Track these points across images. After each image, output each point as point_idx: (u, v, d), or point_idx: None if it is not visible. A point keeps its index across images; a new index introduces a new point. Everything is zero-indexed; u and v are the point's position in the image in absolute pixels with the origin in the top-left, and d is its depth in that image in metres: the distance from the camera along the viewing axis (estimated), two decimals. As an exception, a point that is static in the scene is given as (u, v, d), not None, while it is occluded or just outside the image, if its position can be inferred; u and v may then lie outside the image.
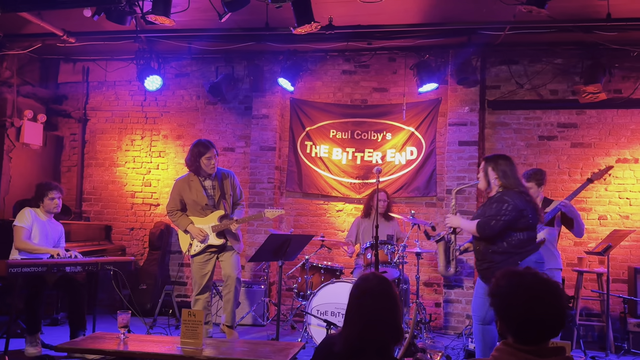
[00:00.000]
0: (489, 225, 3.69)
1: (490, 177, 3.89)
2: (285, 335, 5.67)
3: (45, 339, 4.83)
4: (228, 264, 4.87)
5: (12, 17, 5.43)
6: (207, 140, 4.89)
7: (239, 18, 5.41)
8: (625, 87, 6.18)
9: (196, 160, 4.78)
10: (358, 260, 5.83)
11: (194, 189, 4.85)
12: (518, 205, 3.67)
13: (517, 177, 3.86)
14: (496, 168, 3.85)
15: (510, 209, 3.66)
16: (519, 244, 3.70)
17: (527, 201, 3.73)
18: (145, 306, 6.48)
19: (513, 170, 3.85)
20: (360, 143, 6.73)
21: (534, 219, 3.75)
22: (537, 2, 4.35)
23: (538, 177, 4.78)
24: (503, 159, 3.92)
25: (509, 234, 3.70)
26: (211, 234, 4.81)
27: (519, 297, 1.81)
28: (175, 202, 4.91)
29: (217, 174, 4.92)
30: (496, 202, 3.74)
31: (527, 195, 3.78)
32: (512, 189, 3.77)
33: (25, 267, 4.21)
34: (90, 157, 7.43)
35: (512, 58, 6.43)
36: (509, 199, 3.70)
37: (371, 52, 6.63)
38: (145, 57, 6.42)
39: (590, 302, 5.97)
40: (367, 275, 2.37)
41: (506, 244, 3.71)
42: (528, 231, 3.73)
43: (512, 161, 3.95)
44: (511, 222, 3.67)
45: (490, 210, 3.74)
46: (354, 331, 2.19)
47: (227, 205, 4.89)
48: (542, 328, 1.78)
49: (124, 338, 3.43)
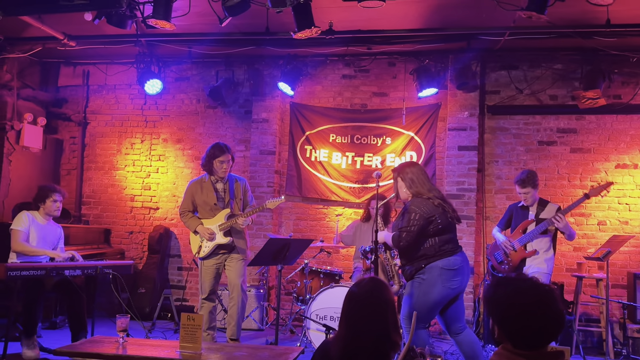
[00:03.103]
0: (402, 238, 3.74)
1: (399, 187, 3.93)
2: (284, 340, 5.66)
3: (43, 342, 4.82)
4: (234, 272, 4.84)
5: (13, 20, 5.44)
6: (225, 144, 4.88)
7: (240, 22, 5.43)
8: (624, 92, 6.19)
9: (210, 162, 4.83)
10: (357, 265, 5.82)
11: (205, 189, 4.89)
12: (425, 213, 3.70)
13: (424, 182, 3.85)
14: (404, 178, 3.88)
15: (417, 218, 3.69)
16: (429, 249, 3.73)
17: (435, 206, 3.74)
18: (144, 310, 6.47)
19: (420, 177, 3.86)
20: (360, 147, 6.73)
21: (444, 222, 3.75)
22: (537, 7, 4.35)
23: (532, 180, 4.78)
24: (409, 166, 3.95)
25: (421, 242, 3.75)
26: (218, 233, 4.81)
27: (516, 303, 1.82)
28: (188, 203, 4.95)
29: (229, 178, 4.95)
30: (406, 213, 3.78)
31: (436, 199, 3.77)
32: (420, 197, 3.79)
33: (24, 270, 4.21)
34: (90, 160, 7.43)
35: (511, 63, 6.45)
36: (416, 208, 3.72)
37: (371, 57, 6.64)
38: (146, 61, 6.43)
39: (589, 308, 5.96)
40: (362, 280, 2.36)
41: (417, 252, 3.76)
42: (439, 235, 3.74)
43: (420, 167, 3.97)
44: (420, 230, 3.70)
45: (402, 222, 3.79)
46: (348, 335, 2.19)
47: (235, 206, 4.91)
48: (540, 333, 1.79)
49: (123, 342, 3.41)
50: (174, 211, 7.13)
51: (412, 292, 3.77)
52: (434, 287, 3.68)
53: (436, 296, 3.69)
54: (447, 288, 3.70)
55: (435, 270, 3.69)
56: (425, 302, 3.69)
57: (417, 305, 3.70)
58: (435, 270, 3.69)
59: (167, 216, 7.18)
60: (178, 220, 7.11)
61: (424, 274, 3.72)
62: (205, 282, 4.84)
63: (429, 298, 3.69)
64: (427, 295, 3.69)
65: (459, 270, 3.74)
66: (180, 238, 7.13)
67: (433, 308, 3.74)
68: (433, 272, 3.69)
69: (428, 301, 3.69)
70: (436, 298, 3.69)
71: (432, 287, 3.69)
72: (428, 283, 3.70)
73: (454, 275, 3.71)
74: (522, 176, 4.82)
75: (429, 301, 3.70)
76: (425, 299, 3.69)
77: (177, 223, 7.13)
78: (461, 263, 3.76)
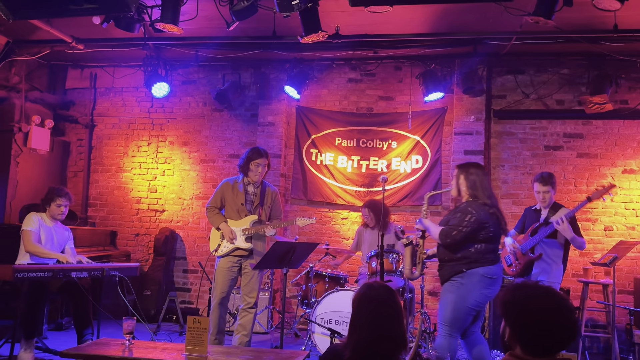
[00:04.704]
0: (450, 235, 3.73)
1: (461, 185, 3.91)
2: (289, 344, 5.67)
3: (49, 344, 4.84)
4: (249, 283, 4.79)
5: (22, 23, 5.48)
6: (263, 149, 4.88)
7: (247, 26, 5.45)
8: (631, 97, 6.17)
9: (247, 163, 4.82)
10: (362, 269, 5.82)
11: (236, 189, 4.87)
12: (481, 218, 3.69)
13: (485, 187, 3.85)
14: (467, 177, 3.87)
15: (472, 221, 3.68)
16: (472, 254, 3.72)
17: (490, 214, 3.74)
18: (150, 312, 6.49)
19: (483, 181, 3.85)
20: (366, 151, 6.74)
21: (496, 231, 3.76)
22: (544, 12, 4.35)
23: (552, 180, 4.73)
24: (475, 167, 3.93)
25: (467, 244, 3.73)
26: (240, 237, 4.77)
27: (532, 308, 1.82)
28: (217, 199, 4.92)
29: (262, 184, 4.94)
30: (460, 213, 3.77)
31: (492, 207, 3.78)
32: (478, 200, 3.78)
33: (31, 272, 4.22)
34: (97, 162, 7.47)
35: (518, 68, 6.44)
36: (473, 211, 3.72)
37: (377, 61, 6.65)
38: (153, 64, 6.47)
39: (595, 314, 5.93)
40: (373, 284, 2.37)
41: (460, 253, 3.74)
42: (487, 243, 3.74)
43: (484, 171, 3.95)
44: (471, 233, 3.70)
45: (454, 219, 3.77)
46: (363, 340, 2.19)
47: (263, 213, 4.88)
48: (552, 341, 1.78)
49: (129, 344, 3.42)
50: (180, 213, 7.16)
51: (450, 296, 3.76)
52: (471, 293, 3.69)
53: (472, 302, 3.70)
54: (484, 295, 3.71)
55: (475, 276, 3.68)
56: (463, 306, 3.70)
57: (456, 309, 3.70)
58: (476, 277, 3.68)
59: (173, 218, 7.20)
60: (184, 223, 7.13)
61: (462, 278, 3.71)
62: (218, 285, 4.77)
63: (466, 303, 3.70)
64: (465, 300, 3.70)
65: (497, 280, 3.75)
66: (185, 240, 7.15)
67: (468, 313, 3.74)
68: (473, 277, 3.68)
69: (465, 306, 3.70)
70: (472, 304, 3.70)
71: (470, 292, 3.69)
72: (466, 288, 3.70)
73: (492, 284, 3.72)
74: (544, 174, 4.76)
75: (466, 306, 3.70)
76: (463, 304, 3.70)
77: (182, 225, 7.15)
78: (499, 274, 3.78)
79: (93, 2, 3.91)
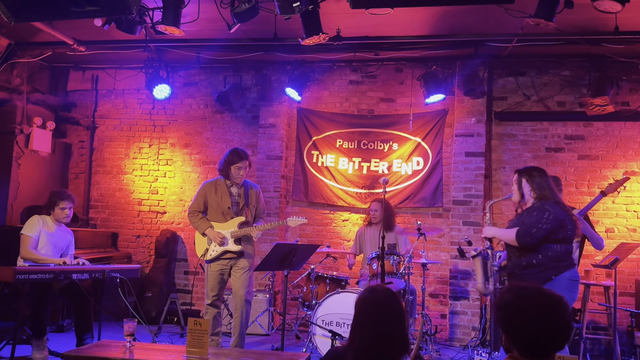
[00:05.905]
0: (530, 233, 3.55)
1: (524, 189, 3.79)
2: (290, 345, 5.66)
3: (50, 345, 4.84)
4: (239, 283, 4.78)
5: (24, 25, 5.50)
6: (243, 150, 4.85)
7: (248, 28, 5.45)
8: (632, 99, 6.17)
9: (227, 167, 4.81)
10: (363, 271, 5.82)
11: (220, 191, 4.85)
12: (559, 215, 3.56)
13: (552, 188, 3.75)
14: (531, 180, 3.76)
15: (551, 218, 3.54)
16: (555, 257, 3.56)
17: (566, 211, 3.63)
18: (151, 314, 6.49)
19: (547, 182, 3.76)
20: (367, 153, 6.74)
21: (573, 230, 3.62)
22: (545, 14, 4.35)
23: (558, 183, 4.72)
24: (537, 170, 3.83)
25: (545, 246, 3.57)
26: (229, 240, 4.78)
27: (524, 311, 1.81)
28: (199, 203, 4.89)
29: (244, 184, 4.93)
30: (536, 211, 3.62)
31: (565, 206, 3.69)
32: (549, 200, 3.67)
33: (32, 274, 4.23)
34: (98, 164, 7.48)
35: (519, 69, 6.44)
36: (550, 208, 3.58)
37: (378, 63, 6.66)
38: (154, 66, 6.48)
39: (597, 316, 5.92)
40: (375, 287, 2.37)
41: (542, 256, 3.57)
42: (565, 244, 3.60)
43: (546, 172, 3.84)
44: (551, 231, 3.54)
45: (531, 218, 3.61)
46: (365, 342, 2.19)
47: (249, 214, 4.88)
48: (547, 342, 1.78)
49: (130, 346, 3.43)
50: (181, 215, 7.16)
51: None
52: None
53: None
54: (572, 300, 3.58)
55: (563, 281, 3.52)
56: None
57: None
58: (564, 282, 3.52)
59: (174, 220, 7.20)
60: (185, 225, 7.13)
61: (551, 285, 3.48)
62: (210, 287, 4.81)
63: None
64: None
65: (578, 283, 3.64)
66: (187, 242, 7.15)
67: None
68: (561, 283, 3.51)
69: None
70: None
71: None
72: None
73: (577, 287, 3.60)
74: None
75: None
76: None
77: (184, 227, 7.16)
78: (578, 276, 3.67)
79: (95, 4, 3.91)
